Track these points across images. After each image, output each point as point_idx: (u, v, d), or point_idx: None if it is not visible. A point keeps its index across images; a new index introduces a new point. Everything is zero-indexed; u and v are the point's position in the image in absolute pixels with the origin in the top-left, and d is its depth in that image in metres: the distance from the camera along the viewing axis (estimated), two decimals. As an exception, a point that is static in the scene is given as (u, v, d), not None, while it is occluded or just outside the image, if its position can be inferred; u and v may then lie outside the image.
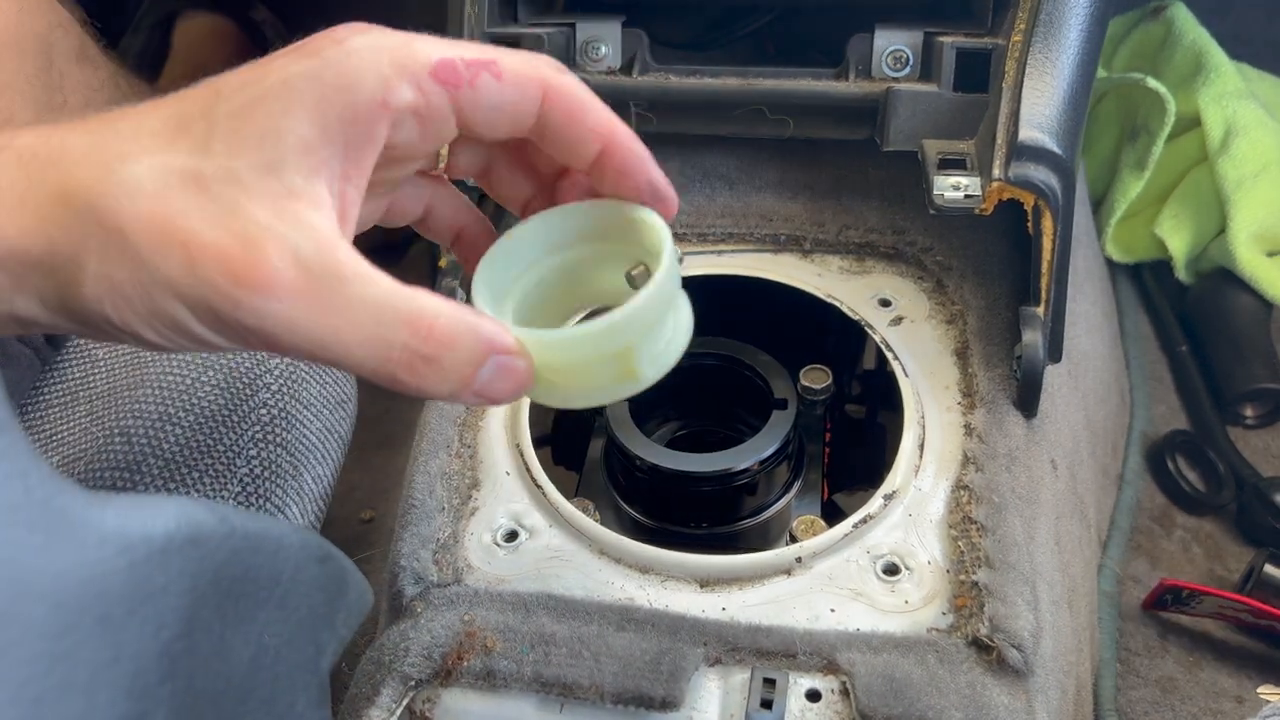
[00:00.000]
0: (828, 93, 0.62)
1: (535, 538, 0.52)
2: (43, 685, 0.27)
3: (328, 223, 0.33)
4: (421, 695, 0.46)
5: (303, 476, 0.53)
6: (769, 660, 0.45)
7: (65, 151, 0.32)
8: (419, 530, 0.52)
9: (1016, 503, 0.51)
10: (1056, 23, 0.56)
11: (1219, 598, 0.69)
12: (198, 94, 0.34)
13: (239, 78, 0.33)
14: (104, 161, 0.32)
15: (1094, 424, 0.71)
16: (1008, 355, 0.58)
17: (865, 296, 0.63)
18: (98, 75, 0.73)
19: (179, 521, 0.32)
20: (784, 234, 0.67)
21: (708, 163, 0.69)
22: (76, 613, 0.28)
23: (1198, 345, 0.90)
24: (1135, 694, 0.69)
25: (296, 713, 0.40)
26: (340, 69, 0.33)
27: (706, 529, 0.56)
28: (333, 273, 0.32)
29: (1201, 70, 0.91)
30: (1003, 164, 0.54)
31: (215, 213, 0.31)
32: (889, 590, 0.49)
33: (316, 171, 0.33)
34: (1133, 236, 0.95)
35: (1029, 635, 0.46)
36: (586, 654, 0.45)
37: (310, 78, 0.33)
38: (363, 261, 0.33)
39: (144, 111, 0.34)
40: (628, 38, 0.65)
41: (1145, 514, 0.81)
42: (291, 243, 0.32)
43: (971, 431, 0.55)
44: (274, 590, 0.37)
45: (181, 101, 0.33)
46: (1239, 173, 0.88)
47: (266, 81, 0.33)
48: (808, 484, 0.58)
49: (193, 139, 0.32)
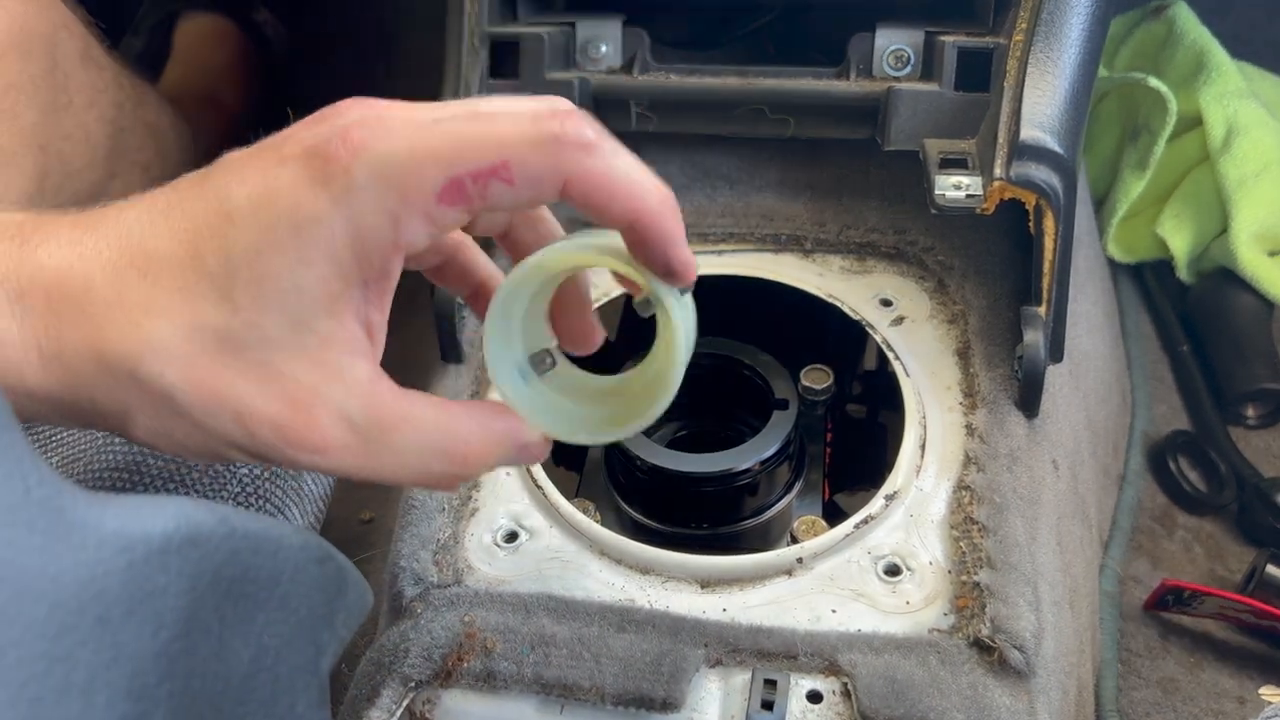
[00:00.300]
0: (828, 92, 0.62)
1: (535, 538, 0.52)
2: (41, 686, 0.27)
3: (366, 368, 0.34)
4: (421, 696, 0.45)
5: (302, 477, 0.53)
6: (770, 661, 0.45)
7: (90, 289, 0.32)
8: (419, 531, 0.52)
9: (1018, 503, 0.51)
10: (1058, 22, 0.56)
11: (1220, 598, 0.69)
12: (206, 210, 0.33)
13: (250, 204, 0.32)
14: (132, 319, 0.32)
15: (1095, 424, 0.71)
16: (1009, 355, 0.57)
17: (866, 296, 0.63)
18: (102, 77, 0.73)
19: (178, 522, 0.32)
20: (785, 234, 0.67)
21: (708, 162, 0.69)
22: (75, 613, 0.28)
23: (1199, 345, 0.90)
24: (1137, 695, 0.69)
25: (296, 714, 0.39)
26: (349, 215, 0.32)
27: (707, 529, 0.56)
28: (378, 427, 0.34)
29: (1203, 70, 0.90)
30: (1004, 163, 0.54)
31: (258, 378, 0.32)
32: (890, 591, 0.48)
33: (343, 313, 0.34)
34: (1134, 236, 0.95)
35: (1031, 636, 0.46)
36: (587, 655, 0.45)
37: (322, 224, 0.32)
38: (401, 399, 0.35)
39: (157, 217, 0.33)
40: (628, 37, 0.65)
41: (1146, 514, 0.81)
42: (338, 404, 0.33)
43: (973, 432, 0.55)
44: (274, 591, 0.37)
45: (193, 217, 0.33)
46: (1240, 172, 0.88)
47: (278, 224, 0.32)
48: (809, 484, 0.58)
49: (214, 288, 0.32)
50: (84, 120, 0.70)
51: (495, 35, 0.63)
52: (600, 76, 0.64)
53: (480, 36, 0.63)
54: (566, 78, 0.63)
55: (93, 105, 0.71)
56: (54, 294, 0.32)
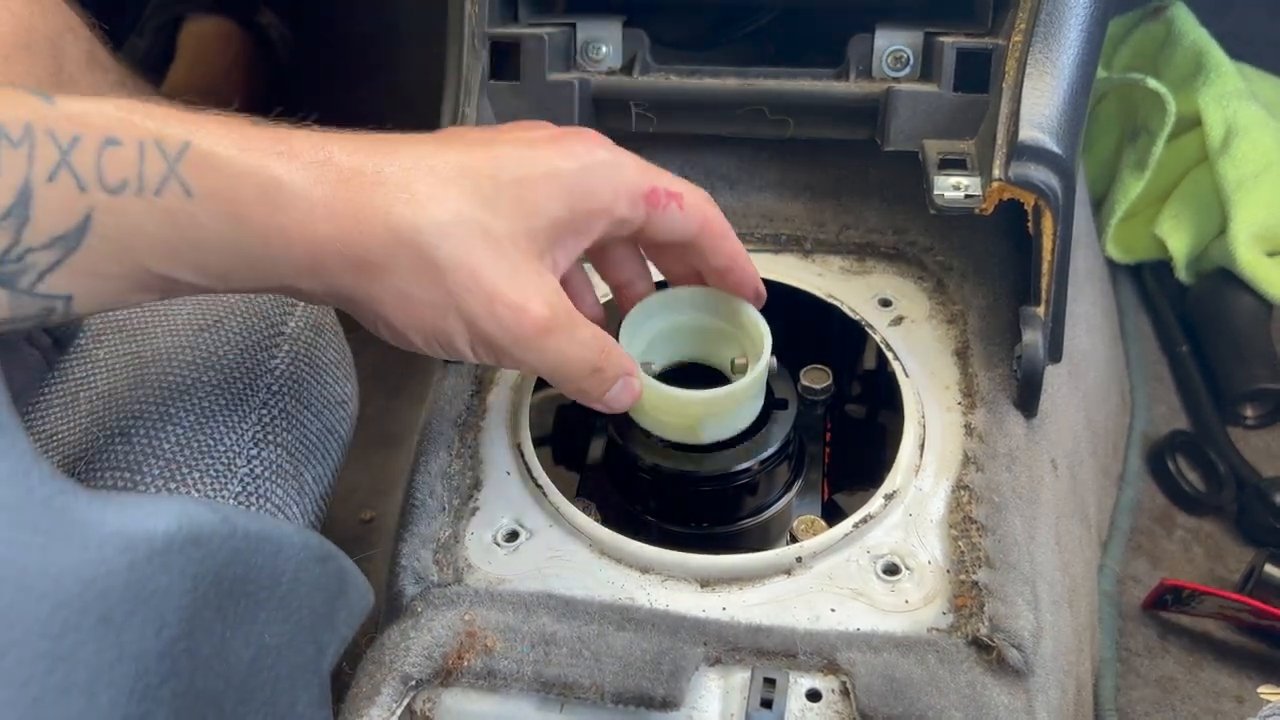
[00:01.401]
0: (828, 93, 0.62)
1: (536, 537, 0.52)
2: (43, 685, 0.27)
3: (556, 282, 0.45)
4: (422, 695, 0.46)
5: (303, 476, 0.53)
6: (769, 660, 0.45)
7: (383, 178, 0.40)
8: (420, 530, 0.52)
9: (1017, 502, 0.51)
10: (1057, 23, 0.56)
11: (1219, 598, 0.69)
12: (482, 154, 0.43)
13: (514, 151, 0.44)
14: (418, 201, 0.41)
15: (1094, 424, 0.71)
16: (1008, 355, 0.58)
17: (866, 296, 0.63)
18: (107, 79, 0.73)
19: (180, 521, 0.32)
20: (785, 234, 0.67)
21: (708, 163, 0.69)
22: (77, 613, 0.28)
23: (1198, 345, 0.90)
24: (1135, 694, 0.69)
25: (297, 712, 0.40)
26: (589, 177, 0.45)
27: (707, 529, 0.56)
28: (570, 318, 0.44)
29: (1202, 70, 0.91)
30: (1003, 164, 0.54)
31: (507, 270, 0.42)
32: (889, 590, 0.49)
33: (557, 243, 0.45)
34: (1133, 236, 0.95)
35: (1029, 635, 0.46)
36: (587, 654, 0.45)
37: (570, 176, 0.44)
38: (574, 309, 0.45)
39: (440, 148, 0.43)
40: (628, 38, 0.65)
41: (1145, 514, 0.81)
42: (549, 298, 0.43)
43: (972, 431, 0.55)
44: (275, 590, 0.37)
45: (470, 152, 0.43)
46: (1239, 173, 0.88)
47: (538, 166, 0.44)
48: (808, 484, 0.58)
49: (483, 197, 0.42)
50: None
51: (496, 36, 0.63)
52: (600, 77, 0.65)
53: (481, 38, 0.63)
54: (567, 79, 0.63)
55: None
56: (350, 175, 0.40)
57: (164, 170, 0.37)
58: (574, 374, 0.46)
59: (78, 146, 0.35)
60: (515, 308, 0.42)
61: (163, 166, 0.37)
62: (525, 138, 0.45)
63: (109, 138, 0.36)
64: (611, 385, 0.48)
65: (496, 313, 0.42)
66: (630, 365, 0.49)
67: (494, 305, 0.42)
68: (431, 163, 0.42)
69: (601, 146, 0.46)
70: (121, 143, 0.36)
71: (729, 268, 0.52)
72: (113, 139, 0.36)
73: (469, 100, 0.63)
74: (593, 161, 0.45)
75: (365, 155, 0.41)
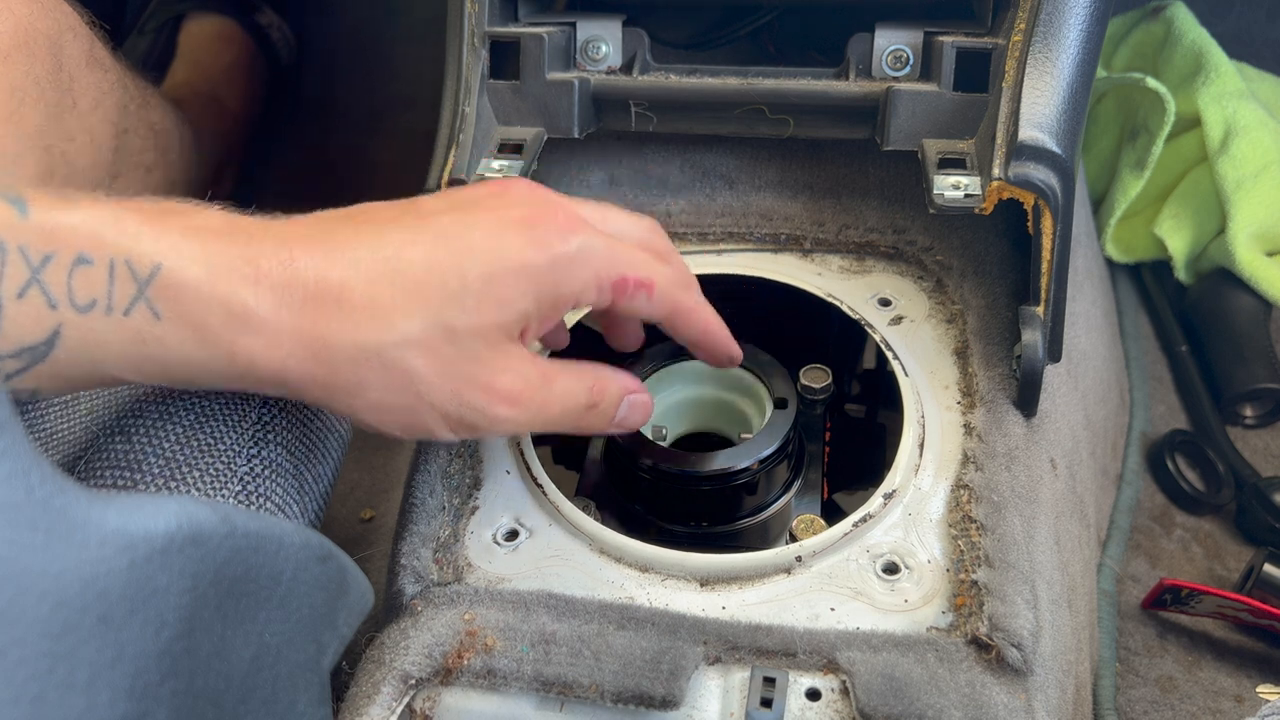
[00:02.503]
0: (828, 92, 0.62)
1: (535, 537, 0.52)
2: (44, 684, 0.27)
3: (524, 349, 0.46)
4: (422, 694, 0.46)
5: (303, 475, 0.53)
6: (769, 659, 0.45)
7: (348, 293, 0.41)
8: (419, 529, 0.52)
9: (1016, 502, 0.51)
10: (1056, 22, 0.56)
11: (1218, 597, 0.69)
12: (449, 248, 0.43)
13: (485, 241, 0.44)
14: (384, 315, 0.41)
15: (1093, 423, 0.71)
16: (1007, 355, 0.58)
17: (865, 296, 0.63)
18: (107, 79, 0.72)
19: (180, 521, 0.32)
20: (784, 233, 0.67)
21: (708, 162, 0.69)
22: (77, 612, 0.28)
23: (1197, 345, 0.90)
24: (1134, 693, 0.69)
25: (298, 711, 0.40)
26: (558, 271, 0.45)
27: (706, 528, 0.56)
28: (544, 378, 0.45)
29: (1201, 70, 0.91)
30: (1002, 163, 0.54)
31: (471, 360, 0.43)
32: (889, 589, 0.49)
33: (525, 331, 0.45)
34: (1132, 236, 0.95)
35: (1028, 634, 0.46)
36: (586, 653, 0.45)
37: (539, 270, 0.44)
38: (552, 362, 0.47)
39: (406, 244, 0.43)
40: (628, 37, 0.65)
41: (1145, 513, 0.81)
42: (519, 370, 0.44)
43: (971, 431, 0.55)
44: (275, 589, 0.37)
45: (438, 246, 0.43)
46: (1239, 173, 0.88)
47: (508, 260, 0.43)
48: (808, 483, 0.58)
49: (449, 295, 0.42)
50: (88, 122, 0.70)
51: (496, 36, 0.63)
52: (600, 77, 0.65)
53: (481, 37, 0.63)
54: (567, 78, 0.63)
55: (97, 107, 0.71)
56: (315, 293, 0.40)
57: (134, 292, 0.38)
58: (569, 421, 0.47)
59: (49, 265, 0.36)
60: (484, 389, 0.43)
61: (132, 289, 0.37)
62: (498, 219, 0.44)
63: (80, 256, 0.37)
64: (614, 411, 0.49)
65: (466, 400, 0.43)
66: (631, 383, 0.50)
67: (462, 395, 0.43)
68: (397, 265, 0.42)
69: (575, 233, 0.45)
70: (93, 262, 0.37)
71: (699, 343, 0.52)
72: (84, 258, 0.37)
73: (469, 99, 0.63)
74: (564, 253, 0.45)
75: (330, 263, 0.41)
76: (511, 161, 0.62)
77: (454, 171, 0.61)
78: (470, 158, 0.62)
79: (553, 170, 0.69)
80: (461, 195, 0.47)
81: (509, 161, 0.62)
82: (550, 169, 0.69)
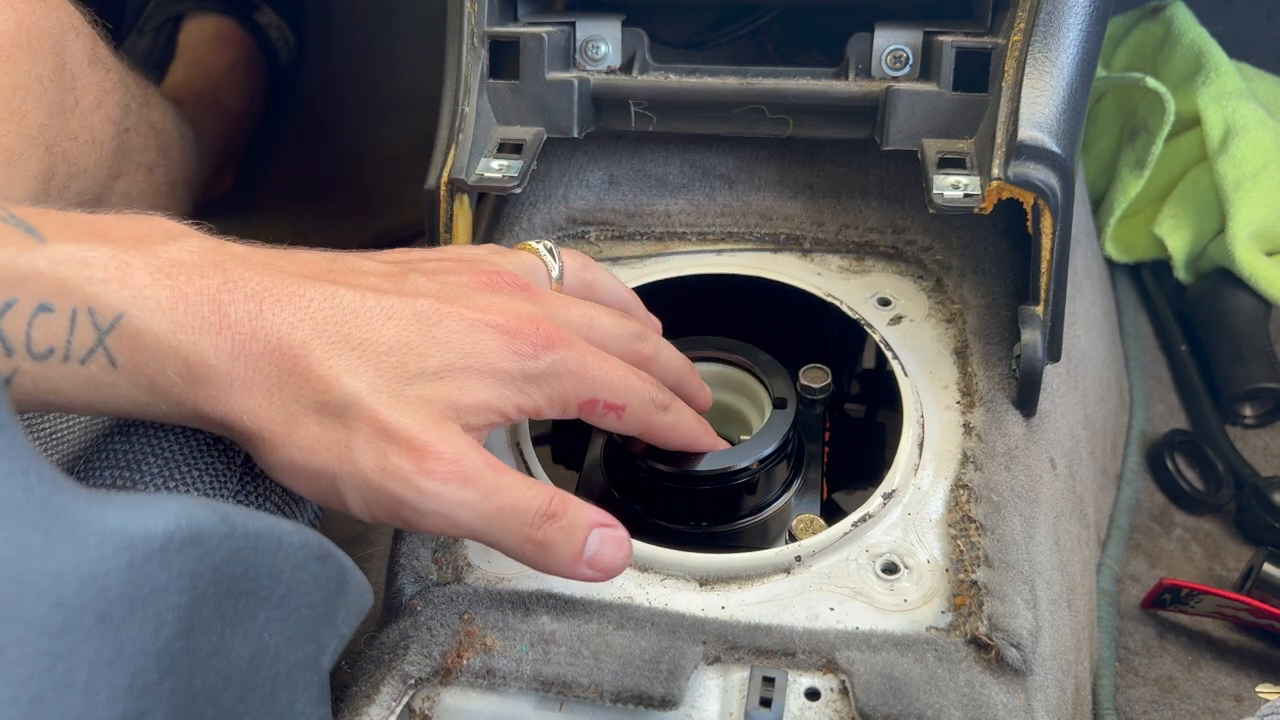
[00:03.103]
0: (827, 92, 0.62)
1: (535, 536, 0.52)
2: (42, 684, 0.27)
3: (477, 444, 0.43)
4: (421, 694, 0.46)
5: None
6: (768, 659, 0.45)
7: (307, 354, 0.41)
8: (419, 529, 0.52)
9: (1016, 502, 0.51)
10: (1056, 22, 0.56)
11: (1218, 597, 0.69)
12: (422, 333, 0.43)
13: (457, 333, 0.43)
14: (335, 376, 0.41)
15: (1093, 423, 0.71)
16: (1007, 354, 0.58)
17: (865, 296, 0.63)
18: (109, 78, 0.73)
19: (179, 520, 0.32)
20: (783, 233, 0.67)
21: (707, 162, 0.69)
22: (76, 611, 0.28)
23: (1197, 345, 0.90)
24: (1134, 693, 0.69)
25: (296, 711, 0.40)
26: (527, 383, 0.45)
27: (706, 528, 0.56)
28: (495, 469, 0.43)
29: (1201, 70, 0.91)
30: (1002, 163, 0.54)
31: (413, 422, 0.41)
32: (888, 589, 0.49)
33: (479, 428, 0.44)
34: (1132, 236, 0.95)
35: (1028, 634, 0.46)
36: (586, 652, 0.45)
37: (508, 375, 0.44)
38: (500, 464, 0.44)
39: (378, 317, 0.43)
40: (628, 37, 0.65)
41: (1144, 513, 0.81)
42: (462, 450, 0.42)
43: (971, 430, 0.55)
44: (274, 589, 0.37)
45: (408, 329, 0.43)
46: (1238, 172, 0.88)
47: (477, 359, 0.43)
48: (807, 483, 0.58)
49: (405, 369, 0.42)
50: (90, 121, 0.70)
51: (495, 35, 0.63)
52: (600, 76, 0.65)
53: (480, 37, 0.63)
54: (566, 78, 0.63)
55: (99, 106, 0.71)
56: (276, 348, 0.40)
57: (92, 342, 0.37)
58: (521, 531, 0.43)
59: (10, 311, 0.36)
60: (416, 453, 0.41)
61: (92, 338, 0.37)
62: (477, 320, 0.44)
63: (43, 304, 0.36)
64: (581, 539, 0.44)
65: (392, 466, 0.41)
66: (599, 515, 0.45)
67: (388, 460, 0.41)
68: (365, 337, 0.42)
69: (552, 349, 0.45)
70: (54, 310, 0.36)
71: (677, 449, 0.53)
72: (46, 306, 0.36)
73: (468, 99, 0.63)
74: (534, 368, 0.44)
75: (296, 322, 0.41)
76: (511, 161, 0.62)
77: (453, 171, 0.61)
78: (470, 157, 0.62)
79: (552, 170, 0.70)
80: (451, 280, 0.46)
81: (508, 161, 0.62)
82: (550, 169, 0.69)
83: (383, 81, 1.14)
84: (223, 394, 0.40)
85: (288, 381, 0.41)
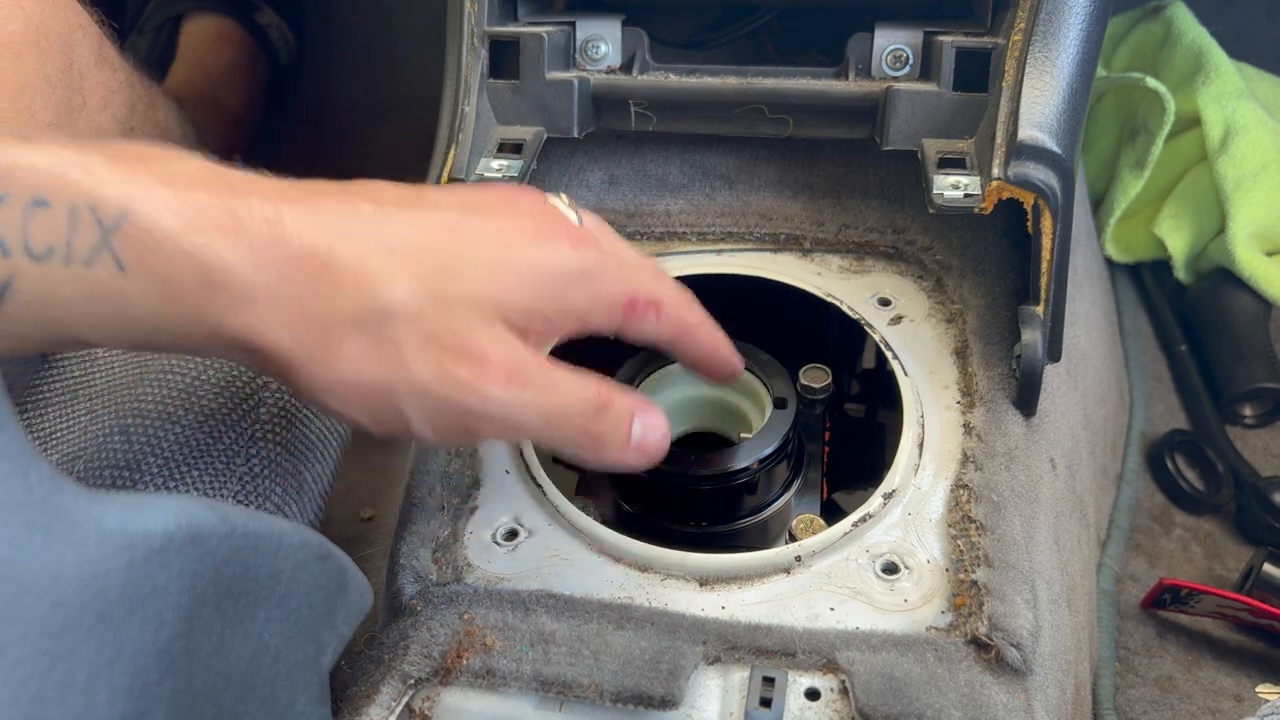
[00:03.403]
0: (827, 92, 0.62)
1: (535, 536, 0.52)
2: (42, 683, 0.27)
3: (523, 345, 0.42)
4: (421, 694, 0.46)
5: (303, 475, 0.53)
6: (768, 659, 0.45)
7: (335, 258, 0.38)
8: (419, 529, 0.52)
9: (1016, 501, 0.51)
10: (1056, 22, 0.56)
11: (1218, 597, 0.69)
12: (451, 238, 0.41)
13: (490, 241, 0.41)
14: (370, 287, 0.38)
15: (1093, 423, 0.71)
16: (1007, 354, 0.58)
17: (865, 296, 0.63)
18: (115, 78, 0.73)
19: (179, 520, 0.32)
20: (783, 233, 0.67)
21: (707, 162, 0.69)
22: (76, 611, 0.28)
23: (1197, 345, 0.90)
24: (1134, 693, 0.69)
25: (296, 711, 0.40)
26: (570, 283, 0.43)
27: (706, 528, 0.56)
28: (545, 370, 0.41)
29: (1201, 70, 0.91)
30: (1002, 163, 0.54)
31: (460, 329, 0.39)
32: (888, 589, 0.49)
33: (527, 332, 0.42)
34: (1132, 236, 0.95)
35: (1028, 634, 0.46)
36: (586, 652, 0.45)
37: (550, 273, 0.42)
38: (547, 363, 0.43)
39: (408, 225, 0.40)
40: (628, 36, 0.65)
41: (1144, 513, 0.81)
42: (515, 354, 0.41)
43: (971, 430, 0.55)
44: (274, 589, 0.37)
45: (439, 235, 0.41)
46: (1238, 172, 0.88)
47: (515, 258, 0.42)
48: (807, 483, 0.58)
49: (442, 269, 0.40)
50: (98, 121, 0.70)
51: (495, 35, 0.63)
52: (600, 76, 0.65)
53: (480, 36, 0.63)
54: (566, 77, 0.63)
55: (106, 106, 0.71)
56: (300, 255, 0.37)
57: (96, 241, 0.34)
58: (577, 423, 0.42)
59: (1, 207, 0.33)
60: (474, 360, 0.39)
61: (95, 237, 0.34)
62: (507, 226, 0.42)
63: (37, 199, 0.33)
64: (627, 426, 0.44)
65: (453, 375, 0.39)
66: (643, 403, 0.45)
67: (447, 369, 0.39)
68: (393, 242, 0.39)
69: (586, 248, 0.43)
70: (51, 205, 0.34)
71: (703, 360, 0.51)
72: (41, 200, 0.33)
73: (468, 99, 0.63)
74: (576, 264, 0.42)
75: (320, 228, 0.38)
76: (511, 161, 0.62)
77: (453, 171, 0.61)
78: (470, 157, 0.62)
79: (552, 170, 0.69)
80: (472, 196, 0.44)
81: (508, 161, 0.62)
82: (550, 168, 0.69)
83: (383, 81, 1.14)
84: (245, 304, 0.36)
85: (318, 291, 0.37)
